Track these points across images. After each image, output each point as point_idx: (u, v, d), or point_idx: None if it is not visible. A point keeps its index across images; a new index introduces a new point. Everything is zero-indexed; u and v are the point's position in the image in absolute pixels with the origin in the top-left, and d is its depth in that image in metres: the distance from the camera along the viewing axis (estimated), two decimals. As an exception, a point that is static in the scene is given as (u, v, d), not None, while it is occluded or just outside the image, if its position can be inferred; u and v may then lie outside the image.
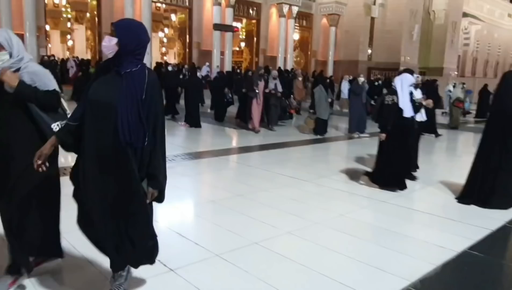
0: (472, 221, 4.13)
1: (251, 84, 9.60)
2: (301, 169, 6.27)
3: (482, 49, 43.15)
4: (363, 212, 4.35)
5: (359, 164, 6.79)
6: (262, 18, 25.71)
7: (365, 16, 28.45)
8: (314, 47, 29.03)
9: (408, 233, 3.77)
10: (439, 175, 6.17)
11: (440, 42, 33.66)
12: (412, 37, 30.39)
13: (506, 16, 47.76)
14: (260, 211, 4.28)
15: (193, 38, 23.33)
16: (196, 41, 23.34)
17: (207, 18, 23.01)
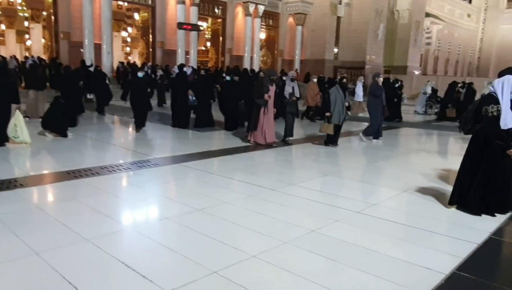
0: (456, 233, 3.74)
1: (260, 90, 7.78)
2: (268, 176, 5.75)
3: (443, 48, 44.31)
4: (336, 226, 3.87)
5: (331, 169, 6.37)
6: (228, 17, 25.11)
7: (331, 16, 28.40)
8: (281, 46, 28.71)
9: (388, 251, 3.31)
10: (416, 181, 5.83)
11: (404, 41, 34.19)
12: (377, 36, 30.65)
13: (466, 16, 49.34)
14: (221, 229, 3.74)
15: (157, 37, 22.46)
16: (160, 40, 22.48)
17: (171, 16, 22.20)
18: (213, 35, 26.42)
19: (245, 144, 8.19)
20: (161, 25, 22.21)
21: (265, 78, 8.04)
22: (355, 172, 6.40)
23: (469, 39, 50.20)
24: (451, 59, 46.45)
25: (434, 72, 41.09)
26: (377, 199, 4.73)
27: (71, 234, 3.49)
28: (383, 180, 5.94)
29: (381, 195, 4.94)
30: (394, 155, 7.94)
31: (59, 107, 7.99)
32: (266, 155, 7.42)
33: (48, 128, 7.96)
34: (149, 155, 6.88)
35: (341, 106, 8.04)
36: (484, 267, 3.12)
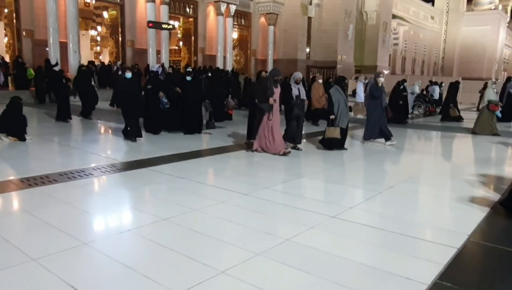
0: (435, 237, 3.53)
1: (263, 92, 6.75)
2: (241, 180, 5.43)
3: (409, 48, 45.26)
4: (311, 234, 3.58)
5: (306, 171, 6.12)
6: (199, 16, 24.60)
7: (302, 16, 28.36)
8: (254, 46, 28.44)
9: (367, 260, 3.05)
10: (392, 182, 5.64)
11: (373, 42, 34.63)
12: (347, 36, 30.87)
13: (429, 18, 50.61)
14: (189, 241, 3.39)
15: (126, 36, 21.69)
16: (130, 39, 21.73)
17: (141, 15, 21.50)
18: (185, 34, 25.83)
19: (218, 146, 7.83)
20: (130, 24, 21.47)
21: (268, 79, 6.91)
22: (331, 173, 6.16)
23: (433, 40, 51.54)
24: (417, 59, 47.54)
25: (402, 72, 41.89)
26: (353, 202, 4.49)
27: (16, 253, 3.05)
28: (360, 181, 5.72)
29: (357, 198, 4.71)
30: (376, 156, 7.75)
31: (16, 109, 7.37)
32: (239, 157, 7.08)
33: (4, 131, 7.33)
34: (115, 159, 6.42)
35: (345, 107, 7.47)
36: (465, 274, 2.91)
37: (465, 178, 6.30)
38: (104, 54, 25.49)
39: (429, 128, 12.27)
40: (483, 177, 6.42)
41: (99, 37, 27.38)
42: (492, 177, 6.24)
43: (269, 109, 6.72)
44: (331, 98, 7.40)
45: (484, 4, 58.72)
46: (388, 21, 36.26)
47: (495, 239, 3.52)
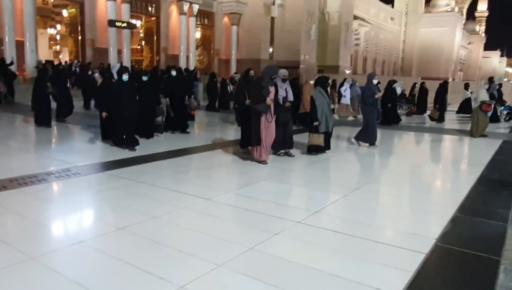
0: (402, 243, 3.44)
1: (258, 93, 6.06)
2: (203, 184, 5.18)
3: (370, 48, 46.37)
4: (276, 241, 3.41)
5: (270, 173, 5.94)
6: (161, 15, 23.98)
7: (265, 16, 28.31)
8: (217, 46, 28.09)
9: (335, 269, 2.90)
10: (357, 183, 5.57)
11: (335, 42, 35.14)
12: (310, 36, 31.13)
13: (389, 19, 52.11)
14: (145, 253, 3.12)
15: (86, 35, 20.82)
16: (90, 38, 20.87)
17: (101, 13, 20.68)
18: (147, 33, 25.12)
19: (180, 148, 7.52)
20: (90, 22, 20.62)
21: (264, 78, 6.18)
22: (296, 176, 6.03)
23: (393, 41, 53.10)
24: (378, 59, 48.80)
25: (364, 72, 42.81)
26: (318, 206, 4.35)
27: None
28: (325, 184, 5.59)
29: (323, 201, 4.57)
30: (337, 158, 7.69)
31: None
32: (203, 160, 6.83)
33: None
34: (71, 163, 6.00)
35: (328, 111, 7.04)
36: (434, 282, 2.82)
37: (433, 180, 6.38)
38: (64, 53, 24.32)
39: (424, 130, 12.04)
40: (452, 179, 6.52)
41: (58, 35, 26.15)
42: (461, 179, 6.33)
43: (267, 110, 6.08)
44: (314, 103, 6.91)
45: (441, 6, 61.22)
46: (349, 22, 36.91)
47: (461, 243, 3.46)
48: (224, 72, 27.71)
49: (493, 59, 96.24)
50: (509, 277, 2.89)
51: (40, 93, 9.48)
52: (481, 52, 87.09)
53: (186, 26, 23.97)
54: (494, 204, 4.72)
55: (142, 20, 24.94)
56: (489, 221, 4.08)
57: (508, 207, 4.53)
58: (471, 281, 2.84)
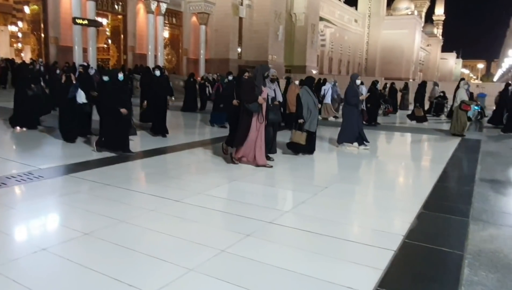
0: (372, 240, 3.46)
1: (250, 91, 5.79)
2: (171, 185, 5.03)
3: (336, 49, 47.20)
4: (247, 242, 3.33)
5: (241, 173, 5.87)
6: (128, 14, 23.39)
7: (233, 16, 28.22)
8: (185, 45, 27.72)
9: (307, 270, 2.86)
10: (329, 182, 5.57)
11: (302, 43, 35.51)
12: (277, 37, 31.31)
13: (353, 21, 53.23)
14: (113, 259, 2.96)
15: (49, 32, 19.97)
16: (53, 36, 20.04)
17: (65, 11, 19.90)
18: (114, 32, 24.42)
19: (148, 148, 7.30)
20: (54, 20, 19.80)
21: (257, 76, 5.89)
22: (267, 175, 5.97)
23: (357, 42, 54.31)
24: (343, 60, 49.76)
25: (330, 71, 43.52)
26: (289, 205, 4.32)
27: None
28: (296, 183, 5.55)
29: (294, 201, 4.55)
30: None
31: None
32: (174, 161, 6.65)
33: None
34: (33, 165, 5.67)
35: (314, 110, 6.88)
36: (403, 279, 2.84)
37: (401, 178, 6.50)
38: (26, 52, 23.21)
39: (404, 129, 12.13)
40: (418, 177, 6.65)
41: (20, 33, 24.94)
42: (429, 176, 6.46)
43: (259, 110, 5.80)
44: (300, 101, 6.80)
45: (401, 9, 63.30)
46: (315, 23, 37.41)
47: (427, 239, 3.52)
48: (194, 72, 27.38)
49: (450, 60, 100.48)
50: (473, 271, 2.95)
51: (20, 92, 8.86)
52: (439, 53, 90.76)
53: (154, 25, 23.48)
54: (456, 200, 4.85)
55: (109, 18, 24.21)
56: (452, 216, 4.19)
57: (469, 202, 4.67)
58: (438, 276, 2.88)
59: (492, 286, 2.74)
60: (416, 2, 77.02)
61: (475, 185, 5.51)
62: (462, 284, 2.75)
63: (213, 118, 10.85)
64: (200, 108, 15.00)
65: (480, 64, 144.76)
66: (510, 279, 2.86)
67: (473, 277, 2.87)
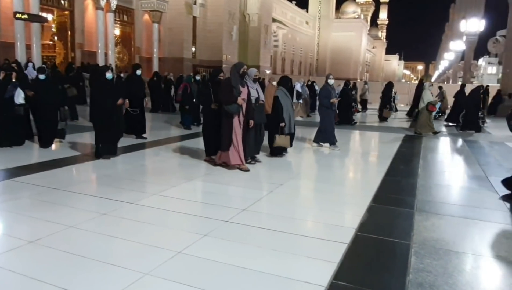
0: (326, 234, 3.52)
1: (229, 91, 5.50)
2: (125, 187, 4.82)
3: (288, 50, 47.93)
4: (205, 243, 3.27)
5: (197, 173, 5.77)
6: (76, 9, 22.21)
7: (187, 15, 27.77)
8: (138, 44, 26.86)
9: (265, 267, 2.86)
10: (283, 179, 5.61)
11: (255, 43, 35.69)
12: (231, 37, 31.25)
13: (304, 23, 54.31)
14: (63, 268, 2.77)
15: (-13, 28, 18.49)
16: (-8, 32, 18.57)
17: (6, 5, 18.51)
18: (61, 28, 23.09)
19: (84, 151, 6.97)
20: (-8, 14, 18.35)
21: (232, 76, 5.58)
22: (224, 174, 5.92)
23: (308, 43, 55.49)
24: (295, 61, 50.65)
25: (283, 72, 44.10)
26: (246, 203, 4.29)
27: None
28: (252, 181, 5.50)
29: (250, 198, 4.53)
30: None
31: None
32: (128, 161, 6.39)
33: None
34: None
35: (292, 111, 6.80)
36: (357, 270, 2.91)
37: (354, 174, 6.70)
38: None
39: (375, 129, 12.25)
40: (368, 171, 6.88)
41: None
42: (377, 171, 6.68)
43: (238, 111, 5.56)
44: (280, 102, 6.54)
45: (349, 12, 65.60)
46: (268, 24, 37.74)
47: (377, 231, 3.65)
48: (146, 71, 26.59)
49: (393, 62, 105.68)
50: (419, 259, 3.09)
51: None
52: (383, 55, 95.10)
53: (103, 22, 22.51)
54: (402, 192, 5.08)
55: (54, 13, 22.87)
56: (399, 208, 4.38)
57: (413, 195, 4.91)
58: (388, 266, 2.99)
59: (436, 272, 2.89)
60: (362, 6, 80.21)
61: (418, 178, 5.81)
62: (410, 272, 2.87)
63: (183, 119, 10.39)
64: (164, 109, 14.32)
65: (420, 65, 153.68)
66: (451, 265, 3.03)
67: (419, 264, 3.00)
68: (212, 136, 5.97)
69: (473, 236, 3.72)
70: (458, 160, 8.28)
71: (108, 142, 6.30)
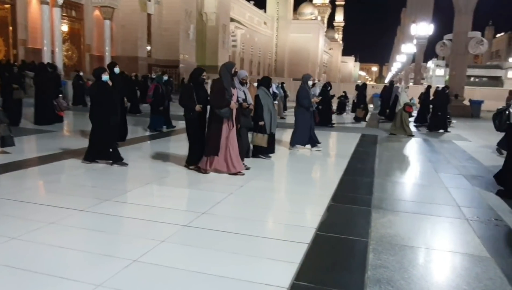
0: (286, 235, 3.55)
1: (221, 95, 5.29)
2: (75, 193, 4.60)
3: (247, 50, 48.12)
4: (163, 249, 3.18)
5: (155, 176, 5.62)
6: (18, 3, 20.94)
7: (141, 12, 27.06)
8: (88, 41, 25.80)
9: (226, 271, 2.82)
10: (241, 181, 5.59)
11: (213, 43, 35.52)
12: (188, 36, 30.86)
13: (263, 23, 54.76)
14: (4, 284, 2.59)
15: None
16: None
17: None
18: (1, 23, 21.69)
19: (45, 154, 6.61)
20: None
21: (224, 77, 5.37)
22: (180, 176, 5.80)
23: (267, 44, 56.03)
24: (254, 61, 50.93)
25: (240, 72, 44.13)
26: (205, 206, 4.24)
27: None
28: (213, 183, 5.41)
29: (210, 201, 4.47)
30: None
31: None
32: (73, 166, 6.09)
33: None
34: None
35: (273, 111, 6.73)
36: (318, 270, 2.96)
37: (316, 173, 6.80)
38: None
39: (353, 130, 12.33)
40: (329, 171, 7.01)
41: None
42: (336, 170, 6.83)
43: (230, 116, 5.37)
44: (260, 102, 6.52)
45: (306, 14, 67.03)
46: (226, 23, 37.69)
47: (337, 229, 3.74)
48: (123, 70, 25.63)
49: (349, 63, 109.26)
50: (377, 255, 3.20)
51: None
52: (339, 57, 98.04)
53: (49, 17, 21.40)
54: (359, 191, 5.25)
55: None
56: (357, 206, 4.51)
57: (370, 192, 5.08)
58: (348, 264, 3.07)
59: (392, 267, 3.00)
60: (319, 8, 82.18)
61: (375, 176, 6.03)
62: (368, 269, 2.96)
63: (153, 122, 9.85)
64: (131, 111, 13.74)
65: (374, 67, 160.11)
66: (407, 259, 3.17)
67: (377, 261, 3.10)
68: (199, 142, 5.76)
69: (426, 231, 3.91)
70: (410, 158, 8.69)
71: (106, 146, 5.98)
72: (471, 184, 5.84)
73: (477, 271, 3.00)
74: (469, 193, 5.42)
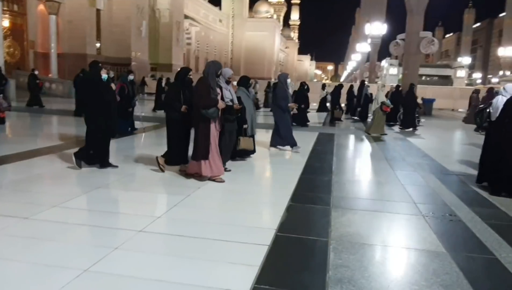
0: (245, 237, 3.50)
1: (208, 94, 5.06)
2: (18, 200, 4.29)
3: (202, 48, 47.69)
4: (116, 257, 3.03)
5: (104, 180, 5.37)
6: (-50, -6, 19.41)
7: (89, 7, 26.01)
8: (31, 37, 24.44)
9: (184, 277, 2.73)
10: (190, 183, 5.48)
11: (167, 40, 34.89)
12: (141, 33, 30.10)
13: (218, 21, 54.48)
14: None
15: None
16: None
17: None
18: None
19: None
20: None
21: (210, 76, 5.16)
22: (135, 179, 5.60)
23: (223, 42, 55.84)
24: (209, 59, 50.41)
25: (196, 70, 43.72)
26: (161, 210, 4.11)
27: None
28: (168, 185, 5.30)
29: (166, 204, 4.35)
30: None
31: None
32: (21, 170, 5.70)
33: None
34: None
35: (254, 112, 6.55)
36: (279, 272, 2.95)
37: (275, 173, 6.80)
38: None
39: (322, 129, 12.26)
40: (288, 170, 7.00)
41: None
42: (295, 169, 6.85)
43: (217, 116, 5.17)
44: (243, 104, 6.08)
45: (262, 12, 67.48)
46: (180, 20, 37.13)
47: (297, 230, 3.75)
48: (43, 68, 24.35)
49: (305, 62, 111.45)
50: (338, 255, 3.25)
51: None
52: (296, 55, 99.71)
53: (-13, 11, 19.99)
54: (318, 190, 5.32)
55: None
56: (316, 206, 4.57)
57: (329, 191, 5.17)
58: (309, 265, 3.08)
59: (353, 266, 3.05)
60: (275, 6, 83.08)
61: (333, 175, 6.14)
62: (329, 268, 2.99)
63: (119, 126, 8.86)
64: None
65: (330, 66, 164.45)
66: (367, 258, 3.24)
67: (337, 260, 3.14)
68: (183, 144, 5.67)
69: (384, 228, 4.03)
70: (367, 156, 8.96)
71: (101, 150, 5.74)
72: (426, 180, 6.11)
73: (434, 267, 3.12)
74: (424, 190, 5.64)
